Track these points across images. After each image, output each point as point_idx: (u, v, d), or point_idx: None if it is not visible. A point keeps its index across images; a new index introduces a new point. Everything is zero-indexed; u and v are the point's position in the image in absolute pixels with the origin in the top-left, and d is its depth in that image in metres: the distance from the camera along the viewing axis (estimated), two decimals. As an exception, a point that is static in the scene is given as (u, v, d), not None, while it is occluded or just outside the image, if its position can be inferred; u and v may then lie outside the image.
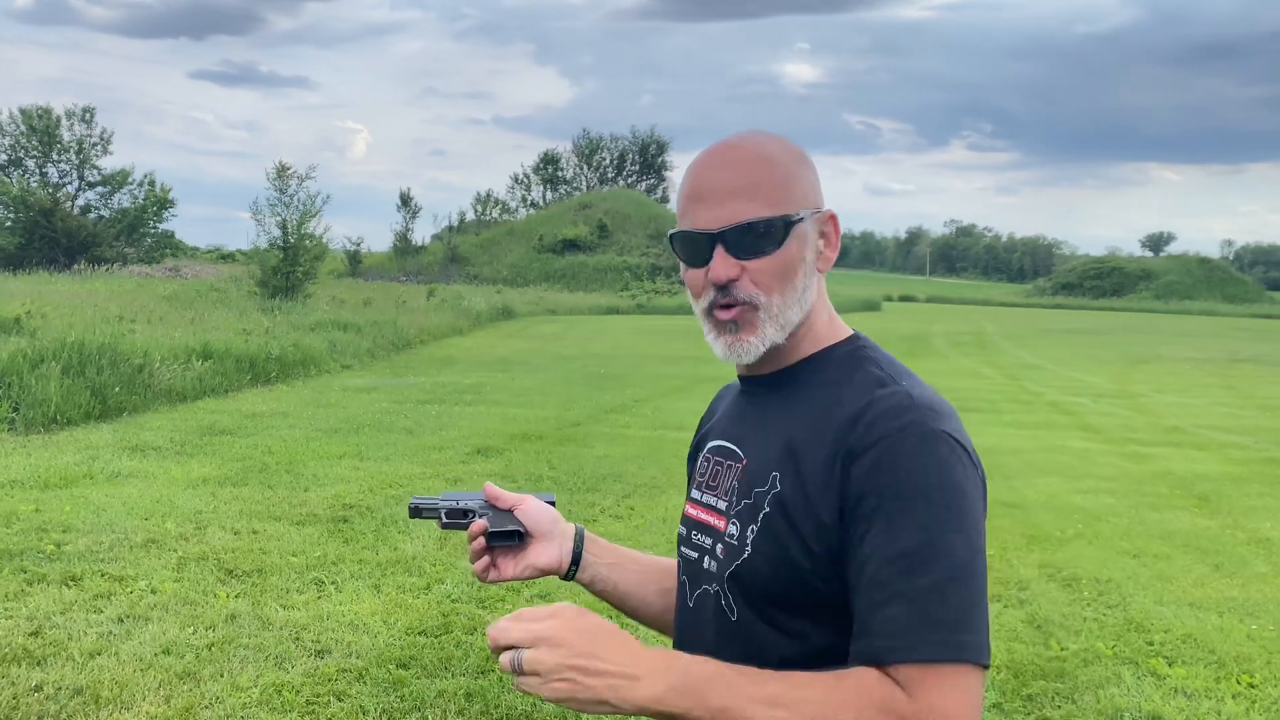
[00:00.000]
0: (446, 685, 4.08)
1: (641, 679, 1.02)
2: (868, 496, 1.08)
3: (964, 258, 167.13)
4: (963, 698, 1.02)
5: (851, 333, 1.27)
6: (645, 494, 7.52)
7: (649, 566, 1.48)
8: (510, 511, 1.42)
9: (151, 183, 50.18)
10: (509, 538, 1.41)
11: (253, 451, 8.60)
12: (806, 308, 1.21)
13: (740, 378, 1.32)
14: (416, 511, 1.48)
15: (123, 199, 50.00)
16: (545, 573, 1.42)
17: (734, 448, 1.27)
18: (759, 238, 1.16)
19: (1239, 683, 4.37)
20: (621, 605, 1.47)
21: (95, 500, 6.72)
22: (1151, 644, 4.80)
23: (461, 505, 1.44)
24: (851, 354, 1.22)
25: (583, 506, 6.86)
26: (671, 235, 1.22)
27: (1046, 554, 6.25)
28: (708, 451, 1.33)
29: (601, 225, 52.52)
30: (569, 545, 1.42)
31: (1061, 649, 4.66)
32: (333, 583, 5.29)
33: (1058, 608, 5.24)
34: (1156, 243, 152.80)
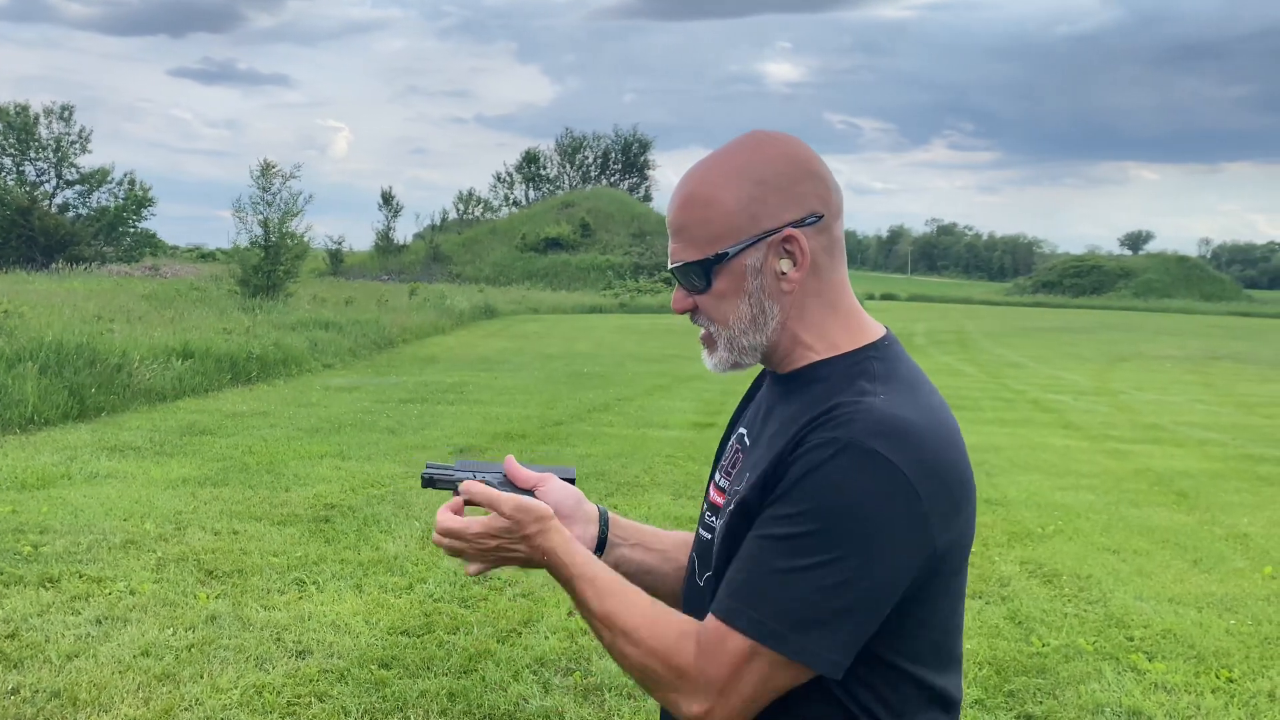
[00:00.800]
0: (429, 685, 4.06)
1: (534, 564, 1.32)
2: (779, 493, 1.14)
3: (945, 256, 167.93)
4: (742, 673, 1.12)
5: (873, 340, 1.26)
6: (628, 493, 7.52)
7: (669, 544, 1.52)
8: (531, 493, 1.39)
9: (131, 181, 49.86)
10: None
11: (233, 451, 8.54)
12: (769, 330, 1.24)
13: (767, 371, 1.37)
14: (430, 482, 1.42)
15: (102, 197, 49.66)
16: None
17: (746, 439, 1.33)
18: (690, 278, 1.24)
19: (1218, 677, 4.40)
20: (640, 582, 1.46)
21: (73, 501, 6.66)
22: (1131, 639, 4.83)
23: (479, 478, 1.40)
24: (854, 365, 1.22)
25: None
26: None
27: (1028, 550, 6.28)
28: (735, 438, 1.39)
29: (584, 224, 52.51)
30: (593, 530, 1.43)
31: (1043, 645, 4.69)
32: (314, 583, 5.26)
33: (1039, 604, 5.27)
34: (1135, 241, 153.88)
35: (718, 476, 1.37)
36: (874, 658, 1.16)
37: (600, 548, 1.43)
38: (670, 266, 1.26)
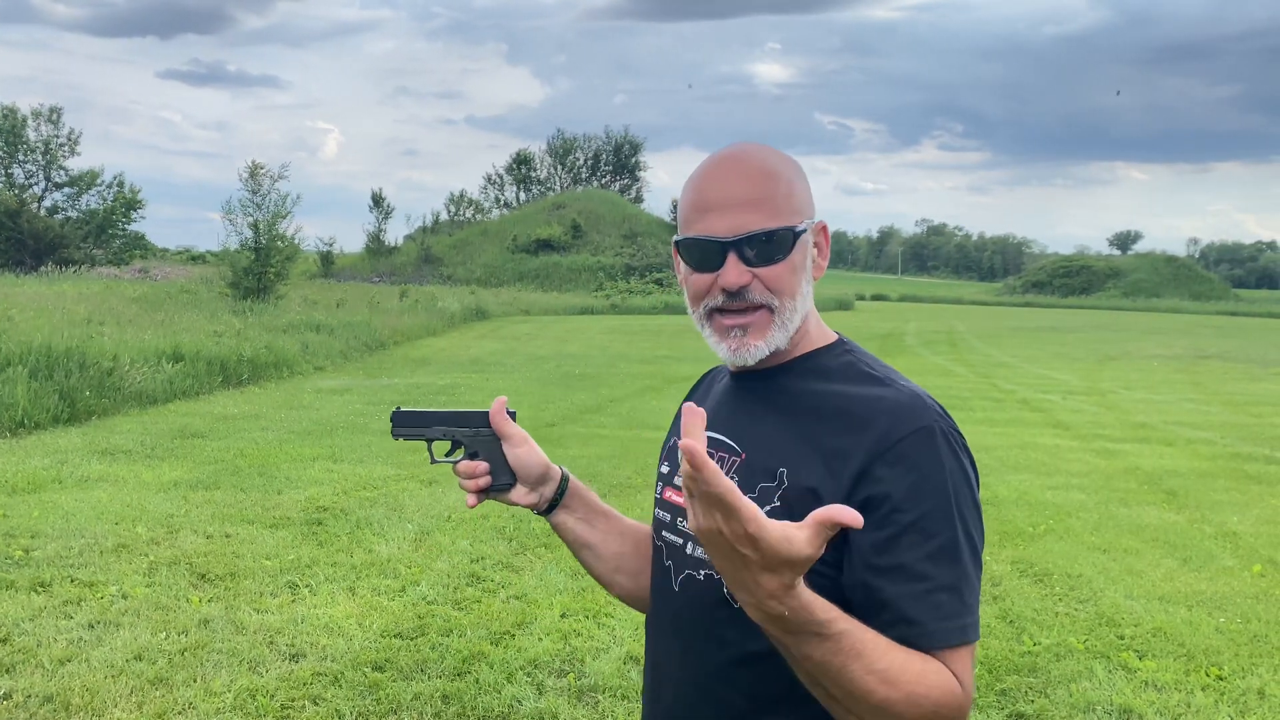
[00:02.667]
0: (422, 688, 4.06)
1: (752, 609, 1.03)
2: (900, 500, 1.15)
3: (935, 257, 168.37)
4: (972, 673, 1.16)
5: (837, 336, 1.34)
6: (620, 494, 7.53)
7: (616, 529, 1.55)
8: (500, 445, 1.48)
9: (120, 183, 49.63)
10: (501, 489, 1.49)
11: (225, 454, 8.52)
12: (806, 311, 1.29)
13: (733, 372, 1.36)
14: (401, 434, 1.57)
15: (91, 200, 49.43)
16: (519, 505, 1.50)
17: (729, 441, 1.30)
18: (772, 246, 1.23)
19: (1208, 675, 4.43)
20: (575, 552, 1.56)
21: (64, 505, 6.64)
22: (1122, 638, 4.86)
23: (449, 436, 1.53)
24: (841, 355, 1.30)
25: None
26: (678, 241, 1.29)
27: (1019, 550, 6.31)
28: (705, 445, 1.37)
29: (575, 225, 52.45)
30: (549, 492, 1.50)
31: (1034, 644, 4.71)
32: (307, 586, 5.26)
33: (1030, 603, 5.30)
34: (1124, 241, 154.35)
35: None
36: None
37: (551, 509, 1.50)
38: (744, 235, 1.22)
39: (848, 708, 1.11)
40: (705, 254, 1.25)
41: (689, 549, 1.31)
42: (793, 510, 1.19)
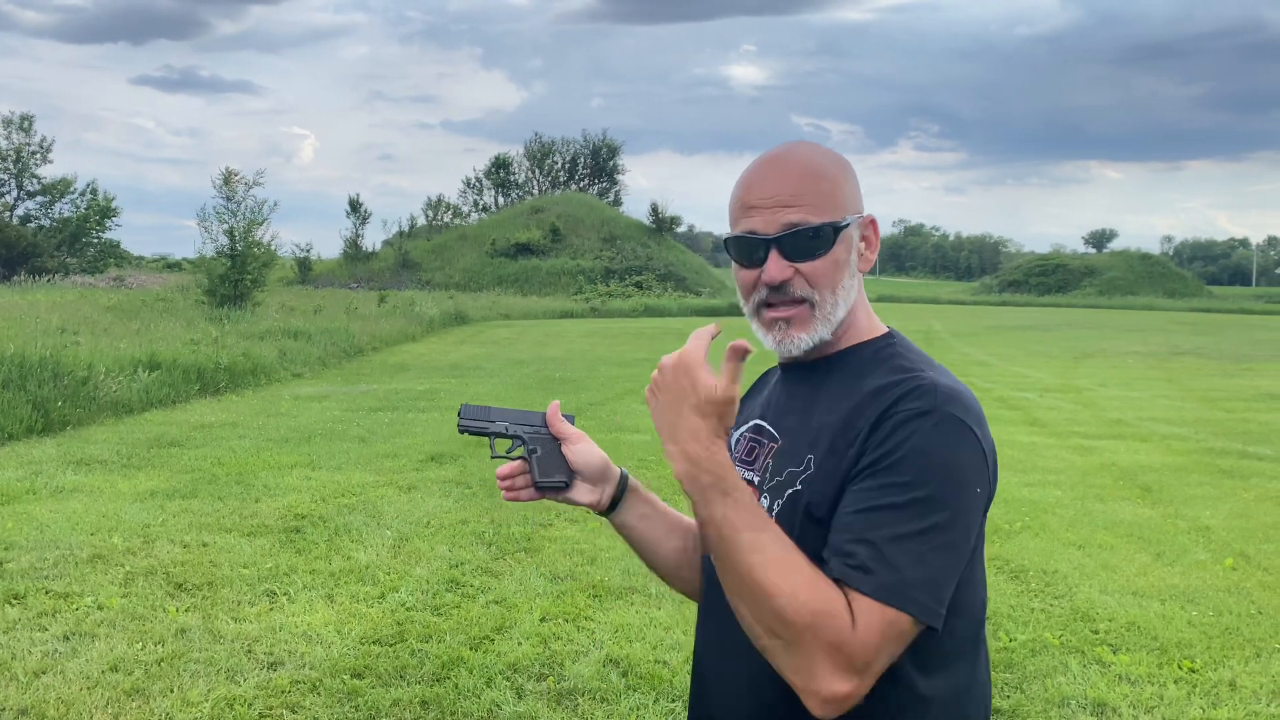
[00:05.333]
0: (401, 694, 4.06)
1: (675, 456, 1.20)
2: (876, 456, 1.20)
3: (913, 257, 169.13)
4: (885, 636, 1.14)
5: (887, 330, 1.38)
6: (600, 497, 7.53)
7: (675, 525, 1.59)
8: (559, 445, 1.50)
9: (94, 191, 49.26)
10: (556, 488, 1.49)
11: (202, 463, 8.47)
12: (850, 305, 1.33)
13: (782, 365, 1.43)
14: (466, 429, 1.55)
15: (64, 208, 49.04)
16: (579, 505, 1.53)
17: (770, 429, 1.39)
18: (811, 242, 1.29)
19: (1180, 668, 4.49)
20: (639, 551, 1.59)
21: (38, 516, 6.58)
22: (1097, 633, 4.91)
23: (511, 432, 1.52)
24: (883, 349, 1.34)
25: (537, 510, 6.85)
26: (727, 239, 1.35)
27: (995, 547, 6.36)
28: (747, 430, 1.44)
29: (554, 229, 52.40)
30: (610, 490, 1.55)
31: (1010, 640, 4.75)
32: (285, 594, 5.24)
33: (1006, 599, 5.34)
34: (1099, 240, 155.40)
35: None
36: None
37: (612, 508, 1.55)
38: (784, 232, 1.29)
39: (739, 590, 1.17)
40: (750, 250, 1.31)
41: None
42: (812, 490, 1.26)
